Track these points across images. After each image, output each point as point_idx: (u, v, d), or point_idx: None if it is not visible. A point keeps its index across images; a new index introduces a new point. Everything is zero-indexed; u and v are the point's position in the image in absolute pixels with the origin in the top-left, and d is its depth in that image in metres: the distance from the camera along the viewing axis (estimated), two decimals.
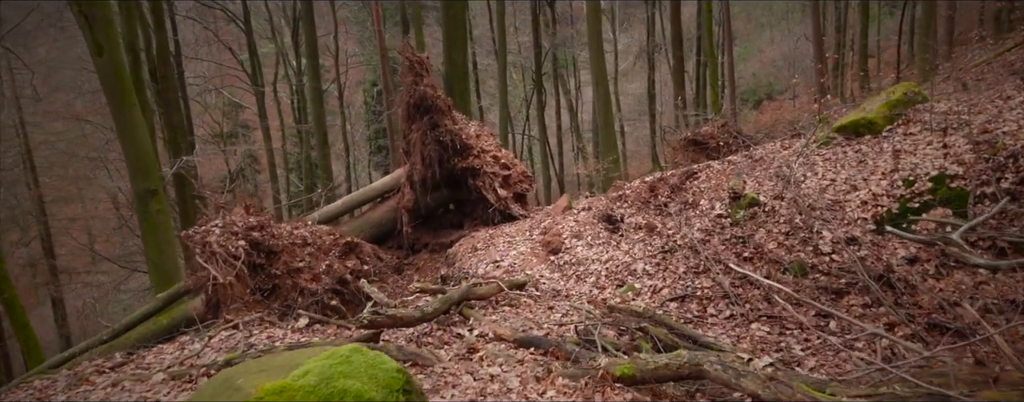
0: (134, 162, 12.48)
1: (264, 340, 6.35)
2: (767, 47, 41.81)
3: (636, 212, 10.40)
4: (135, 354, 6.54)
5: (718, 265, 7.02)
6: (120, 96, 12.22)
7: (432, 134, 9.95)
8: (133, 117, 12.37)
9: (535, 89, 28.05)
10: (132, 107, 12.38)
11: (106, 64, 12.00)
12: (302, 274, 9.30)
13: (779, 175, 7.85)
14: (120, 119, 12.36)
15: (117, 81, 12.12)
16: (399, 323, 5.58)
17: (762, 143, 15.31)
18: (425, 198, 10.39)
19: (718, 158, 14.18)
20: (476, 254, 9.22)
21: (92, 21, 11.89)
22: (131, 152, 12.46)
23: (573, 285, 7.66)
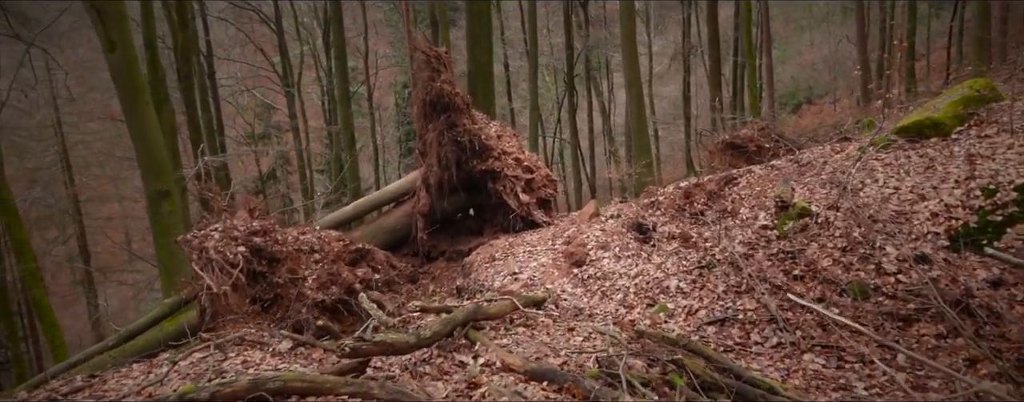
0: (147, 163, 11.91)
1: (238, 365, 5.57)
2: (806, 50, 40.30)
3: (669, 220, 9.47)
4: (97, 377, 5.81)
5: (763, 284, 6.08)
6: (133, 94, 11.66)
7: (449, 134, 9.14)
8: (146, 116, 11.79)
9: (567, 91, 27.13)
10: (145, 106, 11.81)
11: (118, 61, 11.44)
12: (307, 283, 8.55)
13: (833, 182, 6.86)
14: (132, 118, 11.79)
15: (129, 79, 11.56)
16: (389, 351, 4.75)
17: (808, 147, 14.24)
18: (442, 203, 9.58)
19: (758, 162, 13.19)
20: (494, 264, 8.38)
21: (104, 16, 11.33)
22: (144, 152, 11.89)
23: (597, 302, 6.77)
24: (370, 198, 10.17)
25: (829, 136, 16.05)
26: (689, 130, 30.44)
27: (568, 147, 31.10)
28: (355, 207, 10.00)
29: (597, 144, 31.67)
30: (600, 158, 32.65)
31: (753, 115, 20.60)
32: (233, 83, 30.08)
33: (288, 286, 8.34)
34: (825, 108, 34.49)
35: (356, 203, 10.07)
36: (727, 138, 13.35)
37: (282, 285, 8.28)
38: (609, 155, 31.15)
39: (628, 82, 18.90)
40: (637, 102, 18.59)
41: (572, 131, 27.11)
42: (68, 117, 29.54)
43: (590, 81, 29.85)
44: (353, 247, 9.28)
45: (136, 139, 11.91)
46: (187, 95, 16.49)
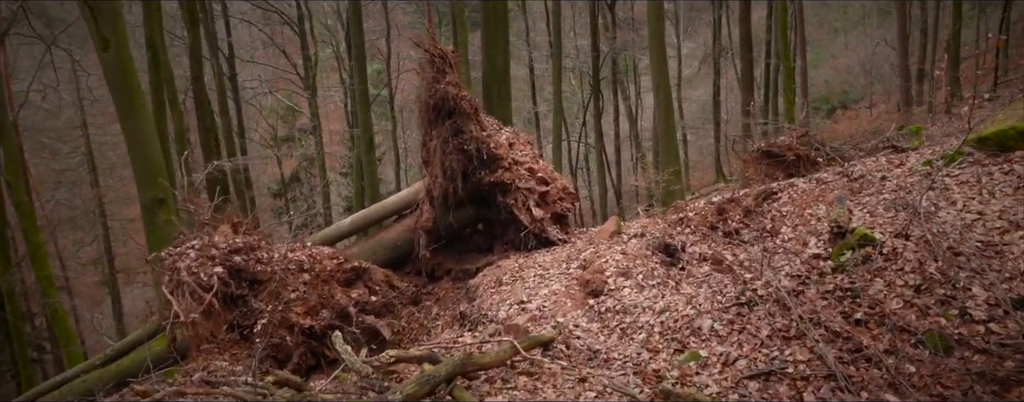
0: (141, 168, 11.05)
1: None
2: (841, 53, 38.60)
3: (700, 240, 8.32)
4: None
5: (817, 329, 4.92)
6: (127, 96, 10.80)
7: (454, 141, 8.10)
8: (141, 119, 10.94)
9: (592, 95, 25.99)
10: (140, 108, 10.96)
11: (111, 60, 10.59)
12: (295, 307, 7.57)
13: (899, 204, 5.68)
14: (127, 121, 10.94)
15: (124, 79, 10.70)
16: None
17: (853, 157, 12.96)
18: (447, 217, 8.54)
19: (797, 173, 11.93)
20: (500, 290, 7.31)
21: (97, 13, 10.49)
22: (139, 157, 11.03)
23: (616, 343, 5.66)
24: (369, 211, 9.17)
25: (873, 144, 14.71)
26: (718, 135, 29.12)
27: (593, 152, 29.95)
28: (352, 221, 9.00)
29: (623, 149, 30.45)
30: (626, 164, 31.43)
31: (788, 120, 19.29)
32: (256, 85, 29.41)
33: (272, 311, 7.36)
34: (861, 113, 32.86)
35: (353, 216, 9.07)
36: (763, 146, 12.14)
37: (265, 310, 7.30)
38: (636, 161, 29.92)
39: (656, 85, 17.73)
40: (665, 106, 17.40)
41: (597, 136, 25.95)
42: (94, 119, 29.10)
43: (617, 84, 28.67)
44: (348, 265, 8.28)
45: (130, 143, 11.06)
46: (197, 97, 15.68)
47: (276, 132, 31.20)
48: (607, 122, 28.85)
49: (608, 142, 28.39)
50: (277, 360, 7.29)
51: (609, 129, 29.33)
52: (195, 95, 15.75)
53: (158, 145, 11.40)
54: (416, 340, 8.37)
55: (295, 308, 7.54)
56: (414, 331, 8.48)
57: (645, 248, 7.30)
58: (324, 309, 7.76)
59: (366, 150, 21.25)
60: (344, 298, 7.98)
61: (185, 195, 8.30)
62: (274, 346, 7.22)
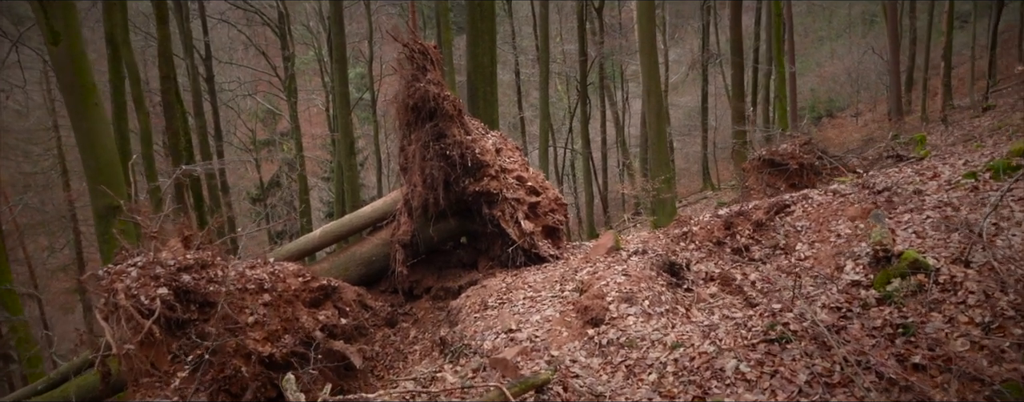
0: (95, 173, 10.06)
1: None
2: (826, 61, 38.10)
3: (706, 256, 7.47)
4: None
5: (866, 373, 4.05)
6: (80, 94, 9.80)
7: (435, 146, 7.19)
8: (95, 119, 9.93)
9: (579, 100, 25.15)
10: (93, 107, 9.94)
11: (62, 55, 9.61)
12: (252, 333, 6.60)
13: (952, 224, 4.83)
14: (79, 121, 9.93)
15: (76, 76, 9.70)
16: None
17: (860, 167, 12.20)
18: (426, 229, 7.62)
19: (800, 183, 11.15)
20: (485, 315, 6.39)
21: (46, 5, 9.50)
22: (92, 161, 10.04)
23: (622, 384, 4.76)
24: (341, 222, 8.21)
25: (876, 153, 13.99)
26: (706, 142, 28.40)
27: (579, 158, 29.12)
28: (323, 233, 8.04)
29: (610, 156, 29.65)
30: (613, 170, 30.63)
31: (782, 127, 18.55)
32: (235, 87, 28.29)
33: (226, 336, 6.38)
34: (847, 121, 32.35)
35: (324, 228, 8.10)
36: (765, 154, 11.35)
37: (217, 335, 6.32)
38: (622, 167, 29.12)
39: (647, 90, 16.90)
40: (656, 112, 16.58)
41: (584, 142, 25.10)
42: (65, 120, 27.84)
43: (604, 90, 27.86)
44: (316, 284, 7.32)
45: (83, 145, 10.05)
46: (166, 98, 14.63)
47: (255, 136, 30.05)
48: (594, 128, 28.04)
49: (595, 148, 27.58)
50: (231, 394, 6.31)
51: (595, 135, 28.53)
52: (163, 95, 14.69)
53: (114, 147, 10.40)
54: (391, 367, 7.43)
55: (253, 334, 6.57)
56: (389, 357, 7.54)
57: (649, 268, 6.42)
58: (286, 334, 6.80)
59: (346, 155, 20.26)
60: (310, 321, 7.02)
61: (131, 203, 7.28)
62: (227, 378, 6.23)
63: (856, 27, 37.05)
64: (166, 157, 18.63)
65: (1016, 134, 10.88)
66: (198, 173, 16.26)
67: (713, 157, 29.78)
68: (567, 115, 30.03)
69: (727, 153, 33.40)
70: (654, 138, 16.89)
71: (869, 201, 6.92)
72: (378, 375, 7.43)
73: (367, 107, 30.57)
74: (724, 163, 31.64)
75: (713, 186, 26.95)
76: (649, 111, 17.06)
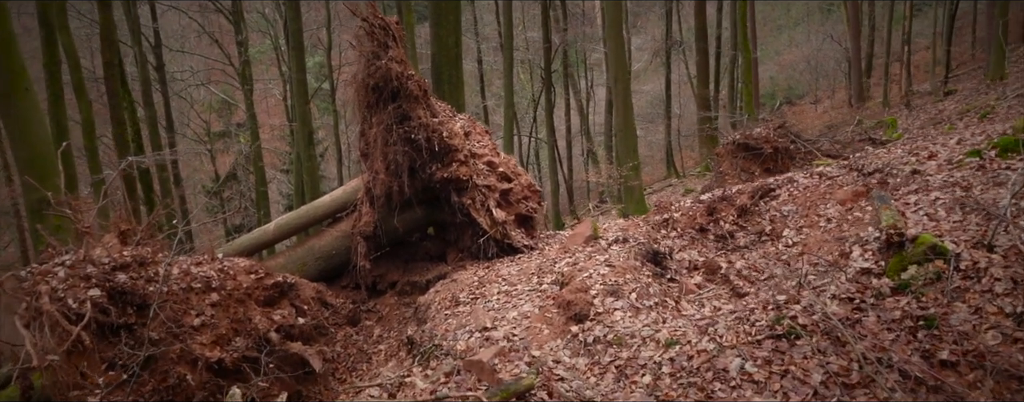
0: (26, 165, 9.21)
1: None
2: (785, 49, 38.21)
3: (689, 244, 7.01)
4: None
5: (889, 372, 3.60)
6: (8, 79, 8.92)
7: (399, 130, 6.57)
8: (25, 107, 9.05)
9: (544, 88, 24.61)
10: (23, 93, 9.05)
11: None
12: (199, 336, 5.93)
13: (966, 205, 4.41)
14: (7, 108, 9.04)
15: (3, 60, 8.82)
16: None
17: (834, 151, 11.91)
18: (391, 220, 7.02)
19: (775, 167, 10.80)
20: (457, 312, 5.82)
21: None
22: (23, 151, 9.19)
23: (612, 387, 4.25)
24: (298, 213, 7.54)
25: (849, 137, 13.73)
26: (670, 130, 28.13)
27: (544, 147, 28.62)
28: (278, 226, 7.37)
29: (574, 144, 29.20)
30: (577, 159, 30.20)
31: (748, 113, 18.30)
32: (188, 77, 27.06)
33: (169, 341, 5.71)
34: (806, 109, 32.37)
35: (278, 221, 7.43)
36: (739, 138, 10.98)
37: (159, 340, 5.65)
38: (587, 156, 28.71)
39: (614, 77, 16.47)
40: (624, 99, 16.14)
41: (549, 130, 24.60)
42: None
43: (568, 78, 27.35)
44: (270, 281, 6.67)
45: (12, 134, 9.21)
46: (109, 85, 13.65)
47: (210, 127, 28.86)
48: (558, 117, 27.52)
49: (559, 137, 27.08)
50: None
51: (560, 124, 28.03)
52: (107, 82, 13.71)
53: (48, 136, 9.54)
54: (353, 369, 6.82)
55: (199, 337, 5.91)
56: (352, 358, 6.92)
57: (633, 257, 5.92)
58: (238, 337, 6.15)
59: (305, 145, 19.39)
60: (264, 321, 6.38)
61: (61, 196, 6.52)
62: (170, 388, 5.59)
63: (814, 15, 37.20)
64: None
65: (987, 116, 10.68)
66: (147, 165, 15.32)
67: (677, 145, 29.57)
68: (531, 104, 29.48)
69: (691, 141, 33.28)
70: (621, 125, 16.46)
71: (860, 183, 6.52)
72: (340, 378, 6.81)
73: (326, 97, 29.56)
74: (687, 151, 31.49)
75: (677, 174, 26.69)
76: (616, 97, 16.62)
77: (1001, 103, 10.98)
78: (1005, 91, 12.33)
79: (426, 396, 4.61)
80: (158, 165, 20.08)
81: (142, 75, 19.91)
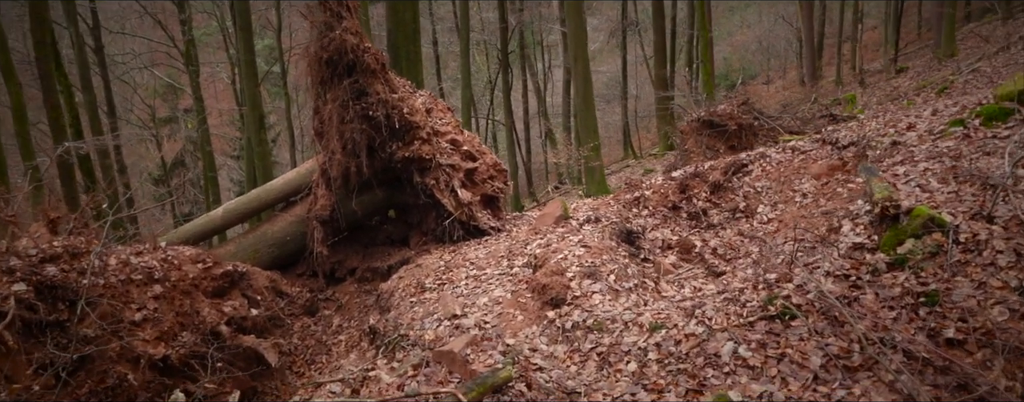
0: None
1: None
2: (737, 30, 38.43)
3: (662, 223, 6.74)
4: None
5: (893, 352, 3.35)
6: None
7: (356, 106, 6.11)
8: None
9: (500, 69, 24.16)
10: None
11: None
12: (141, 332, 5.43)
13: (962, 175, 4.18)
14: None
15: None
16: None
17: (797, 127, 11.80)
18: (349, 203, 6.57)
19: (739, 144, 10.63)
20: (423, 299, 5.43)
21: None
22: None
23: (595, 376, 3.93)
24: (248, 198, 7.03)
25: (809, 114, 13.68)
26: (627, 111, 27.99)
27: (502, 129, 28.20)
28: (227, 211, 6.85)
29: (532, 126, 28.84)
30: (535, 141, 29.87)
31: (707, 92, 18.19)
32: (130, 59, 25.78)
33: (108, 338, 5.20)
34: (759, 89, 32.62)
35: (227, 206, 6.91)
36: (703, 115, 10.75)
37: (96, 338, 5.13)
38: (545, 137, 28.41)
39: (573, 56, 16.13)
40: (584, 78, 15.83)
41: (507, 112, 24.19)
42: None
43: (524, 60, 26.93)
44: (219, 270, 6.17)
45: None
46: (41, 68, 12.75)
47: (155, 113, 27.63)
48: (515, 99, 27.12)
49: (517, 119, 26.70)
50: None
51: (517, 107, 27.64)
52: (39, 64, 12.79)
53: None
54: (312, 362, 6.38)
55: (141, 333, 5.40)
56: (310, 350, 6.48)
57: (608, 237, 5.60)
58: (184, 331, 5.66)
59: (256, 129, 18.61)
60: (213, 314, 5.89)
61: None
62: (109, 389, 5.08)
63: None
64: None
65: (945, 90, 10.68)
66: (86, 151, 14.43)
67: (634, 125, 29.48)
68: (487, 86, 28.98)
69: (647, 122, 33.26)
70: (581, 105, 16.17)
71: (835, 157, 6.32)
72: (297, 371, 6.37)
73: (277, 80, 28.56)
74: (644, 132, 31.45)
75: (635, 154, 26.61)
76: (576, 77, 16.31)
77: (957, 77, 10.98)
78: (960, 66, 12.38)
79: (393, 392, 4.23)
80: (100, 152, 19.08)
81: (79, 58, 18.82)
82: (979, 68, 11.07)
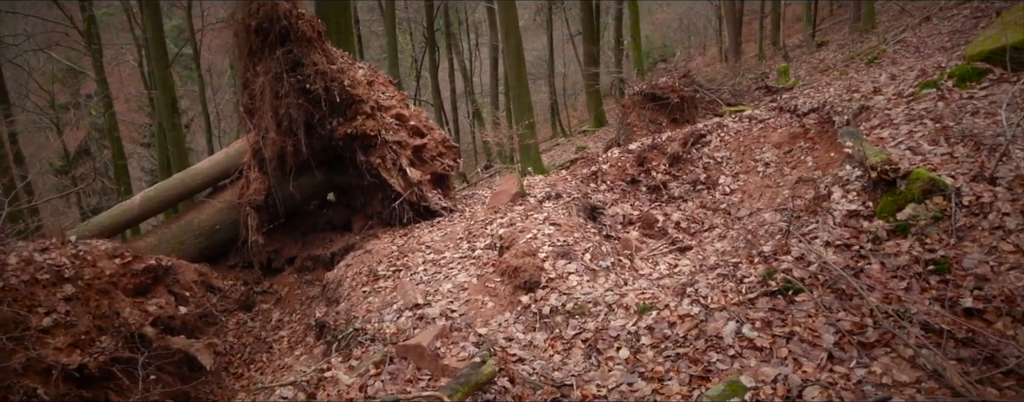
0: None
1: None
2: (658, 9, 38.68)
3: (621, 197, 6.40)
4: None
5: (909, 325, 3.09)
6: None
7: (292, 79, 5.46)
8: None
9: (427, 47, 23.41)
10: None
11: None
12: (52, 339, 4.70)
13: (953, 136, 3.97)
14: None
15: None
16: None
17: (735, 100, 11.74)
18: (285, 186, 5.93)
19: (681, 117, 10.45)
20: (377, 287, 4.91)
21: None
22: None
23: (583, 365, 3.55)
24: (170, 184, 6.26)
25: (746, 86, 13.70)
26: (554, 88, 27.70)
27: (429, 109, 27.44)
28: (146, 199, 6.08)
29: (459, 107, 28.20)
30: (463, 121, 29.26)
31: (637, 67, 18.08)
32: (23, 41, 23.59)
33: (10, 349, 4.46)
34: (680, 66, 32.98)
35: (145, 193, 6.14)
36: (645, 88, 10.54)
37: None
38: (473, 117, 27.85)
39: (504, 32, 15.61)
40: (516, 54, 15.36)
41: (434, 91, 23.51)
42: None
43: (450, 38, 26.20)
44: (140, 265, 5.45)
45: None
46: None
47: (54, 98, 25.49)
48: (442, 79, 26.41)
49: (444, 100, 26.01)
50: None
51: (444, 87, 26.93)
52: None
53: None
54: (252, 361, 5.77)
55: (52, 340, 4.68)
56: (248, 349, 5.86)
57: (576, 214, 5.21)
58: (103, 336, 4.95)
59: (168, 114, 17.33)
60: (136, 315, 5.19)
61: None
62: None
63: None
64: None
65: (875, 60, 10.78)
66: None
67: (563, 103, 29.27)
68: (412, 66, 28.12)
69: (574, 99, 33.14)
70: (515, 81, 15.72)
71: (796, 124, 6.13)
72: (235, 372, 5.75)
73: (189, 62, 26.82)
74: (571, 110, 31.31)
75: (564, 132, 26.39)
76: (508, 53, 15.81)
77: (887, 48, 11.12)
78: (885, 37, 12.58)
79: (355, 394, 3.73)
80: None
81: None
82: (904, 39, 11.22)
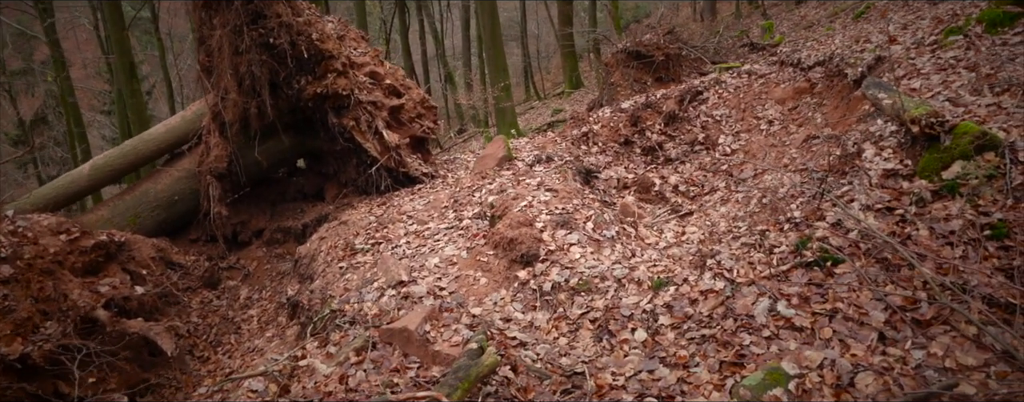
0: None
1: None
2: None
3: (614, 160, 5.95)
4: None
5: (968, 298, 2.68)
6: None
7: (253, 33, 4.84)
8: None
9: (397, 8, 22.49)
10: None
11: None
12: None
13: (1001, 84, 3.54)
14: None
15: None
16: None
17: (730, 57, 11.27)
18: (250, 152, 5.35)
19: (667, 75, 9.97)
20: (355, 262, 4.40)
21: None
22: None
23: (594, 351, 3.11)
24: (122, 151, 5.63)
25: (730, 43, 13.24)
26: (527, 50, 26.96)
27: None
28: (94, 168, 5.45)
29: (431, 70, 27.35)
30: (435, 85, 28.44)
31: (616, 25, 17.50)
32: None
33: None
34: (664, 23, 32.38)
35: (95, 161, 5.51)
36: (630, 45, 10.03)
37: None
38: (445, 81, 27.05)
39: None
40: (490, 15, 14.63)
41: (405, 53, 22.64)
42: None
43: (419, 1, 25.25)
44: (90, 241, 4.86)
45: None
46: None
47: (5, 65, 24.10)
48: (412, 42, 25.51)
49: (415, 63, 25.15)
50: None
51: (415, 50, 26.05)
52: None
53: None
54: (218, 343, 5.25)
55: None
56: (214, 329, 5.34)
57: (572, 178, 4.73)
58: (49, 321, 4.39)
59: (127, 80, 16.28)
60: (86, 296, 4.63)
61: None
62: None
63: None
64: None
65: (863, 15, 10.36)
66: None
67: (536, 66, 28.58)
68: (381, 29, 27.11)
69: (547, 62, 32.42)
70: (490, 42, 15.03)
71: (801, 79, 5.68)
72: (201, 356, 5.23)
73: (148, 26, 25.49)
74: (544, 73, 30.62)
75: (538, 95, 25.78)
76: (483, 13, 15.09)
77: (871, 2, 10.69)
78: None
79: (334, 385, 3.26)
80: None
81: None
82: None
